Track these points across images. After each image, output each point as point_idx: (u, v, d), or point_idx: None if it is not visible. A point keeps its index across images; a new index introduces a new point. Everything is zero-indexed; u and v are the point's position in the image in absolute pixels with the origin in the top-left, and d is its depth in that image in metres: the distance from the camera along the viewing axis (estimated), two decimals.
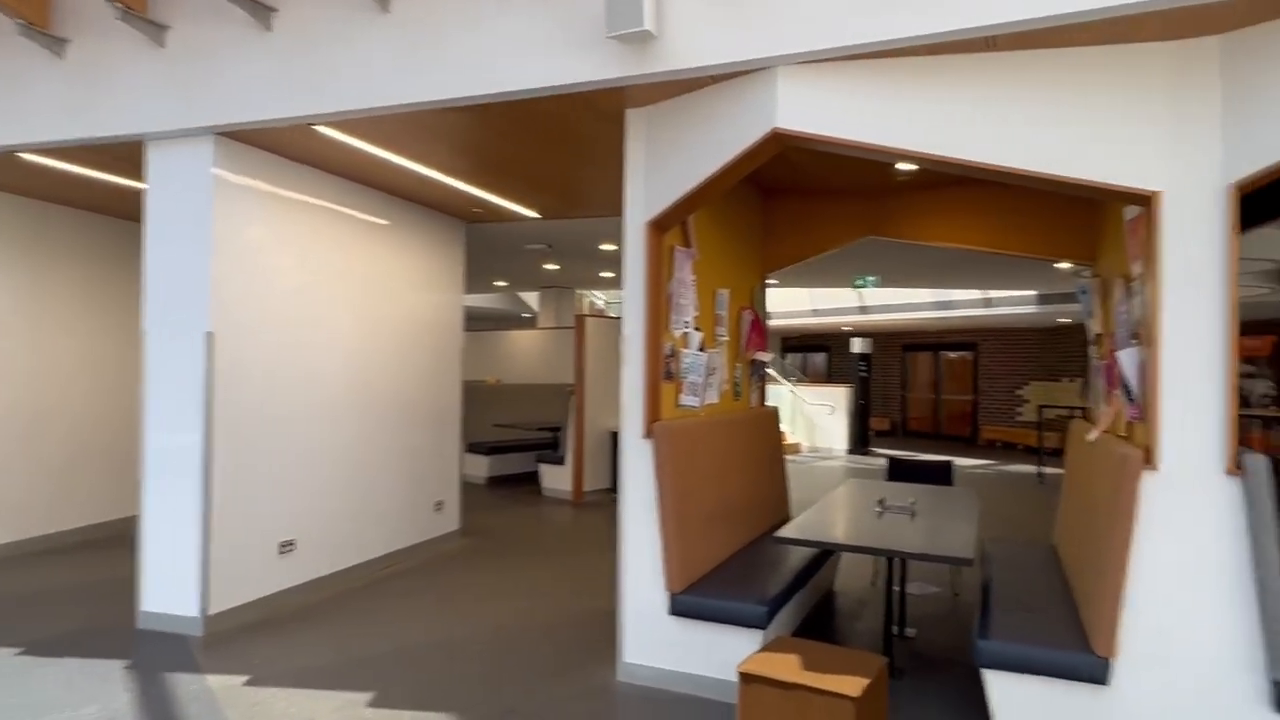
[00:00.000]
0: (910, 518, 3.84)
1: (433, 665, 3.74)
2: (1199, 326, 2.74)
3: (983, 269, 9.49)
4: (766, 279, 5.35)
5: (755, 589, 3.44)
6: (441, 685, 3.51)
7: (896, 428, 18.23)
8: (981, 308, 12.61)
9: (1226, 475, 2.69)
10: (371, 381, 5.32)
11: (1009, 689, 2.91)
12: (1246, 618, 2.65)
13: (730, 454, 4.23)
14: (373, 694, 3.41)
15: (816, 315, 15.49)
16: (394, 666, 3.72)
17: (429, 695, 3.40)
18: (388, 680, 3.56)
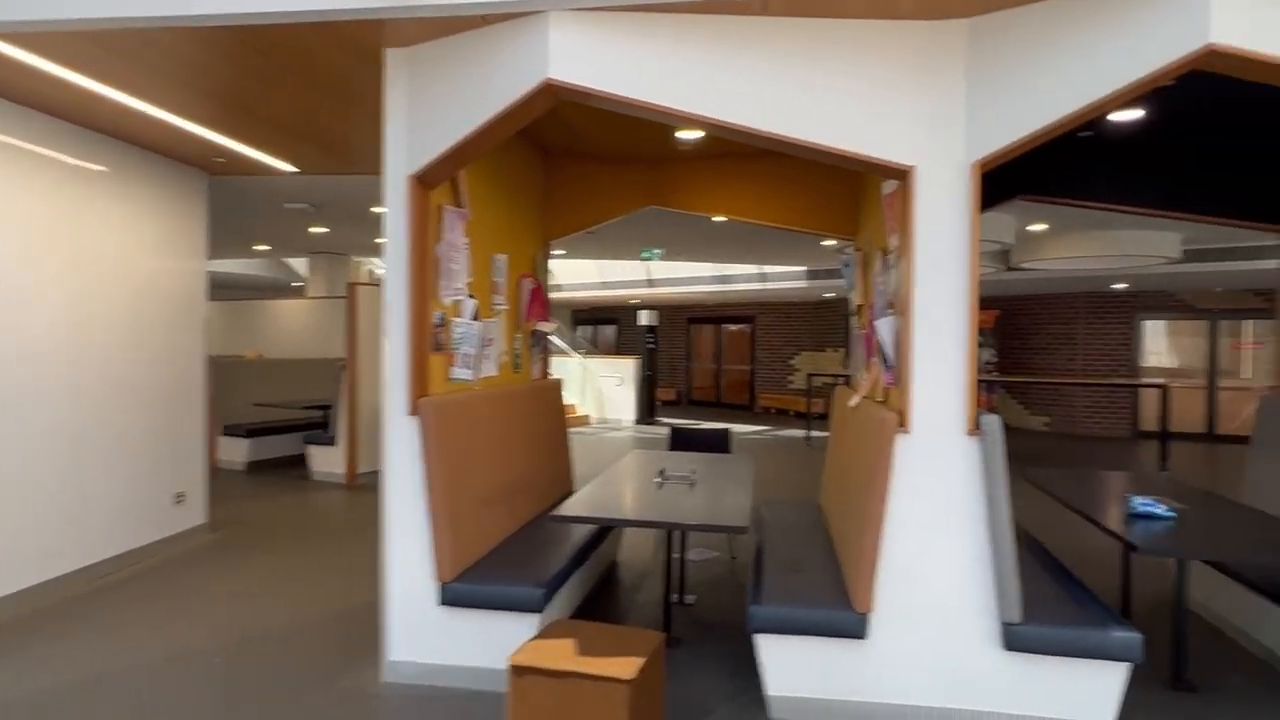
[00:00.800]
0: (690, 487, 3.84)
1: (162, 684, 3.20)
2: (946, 298, 2.90)
3: (759, 245, 9.94)
4: (550, 247, 5.15)
5: (532, 571, 3.27)
6: (169, 708, 3.00)
7: (682, 397, 18.92)
8: (758, 282, 13.29)
9: (967, 436, 2.89)
10: (88, 358, 4.49)
11: (778, 651, 2.97)
12: (982, 567, 2.87)
13: (510, 429, 4.01)
14: None
15: (606, 288, 15.59)
16: (111, 691, 3.14)
17: None
18: (100, 710, 2.99)
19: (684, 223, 8.20)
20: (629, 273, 14.90)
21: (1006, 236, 7.51)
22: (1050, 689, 2.82)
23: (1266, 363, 12.19)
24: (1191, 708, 3.12)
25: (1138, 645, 2.70)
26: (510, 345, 4.36)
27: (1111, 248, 8.02)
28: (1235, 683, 3.32)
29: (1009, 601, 2.80)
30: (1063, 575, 3.31)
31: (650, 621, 3.98)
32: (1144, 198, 4.28)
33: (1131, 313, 12.85)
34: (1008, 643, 2.81)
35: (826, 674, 2.96)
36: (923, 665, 2.91)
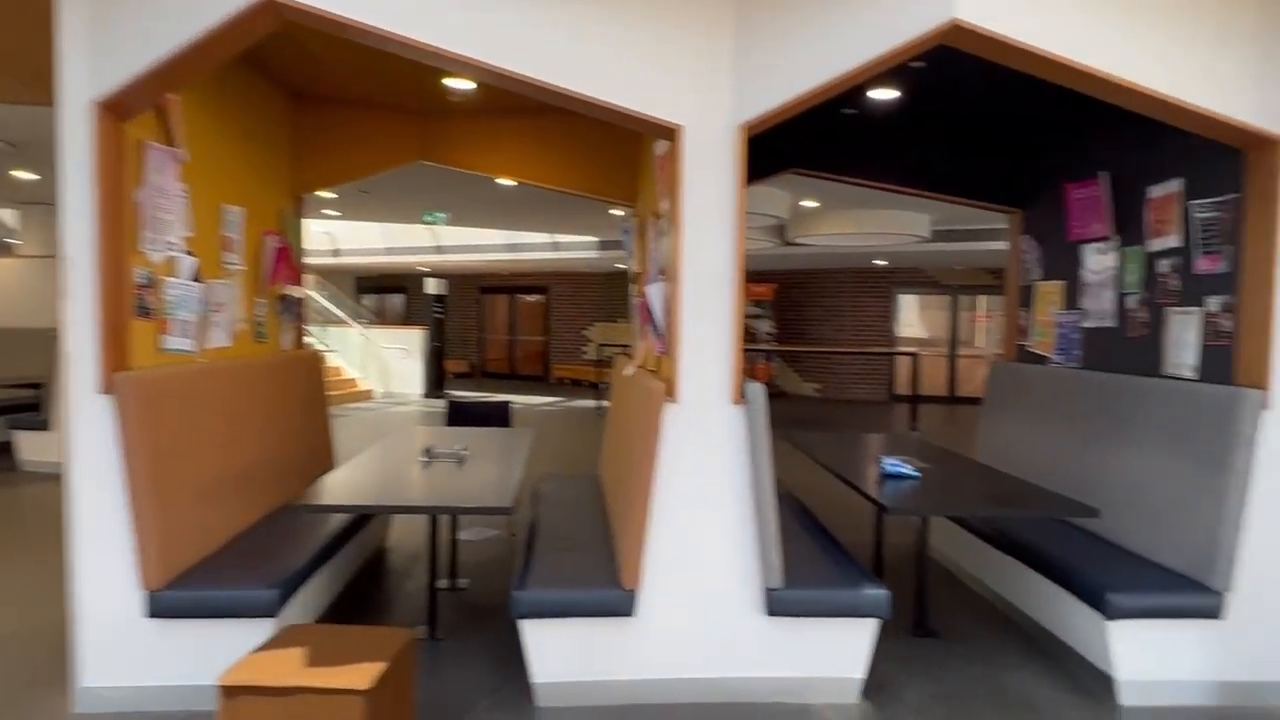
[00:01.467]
0: (458, 465, 3.56)
1: None
2: (713, 263, 2.83)
3: (549, 212, 9.70)
4: (304, 202, 4.58)
5: (266, 570, 2.85)
6: None
7: (475, 369, 18.38)
8: (550, 251, 13.07)
9: (733, 405, 2.85)
10: None
11: (543, 636, 2.80)
12: (747, 535, 2.86)
13: (248, 408, 3.50)
14: None
15: (391, 254, 14.68)
16: None
17: None
18: None
19: (467, 185, 7.77)
20: (416, 238, 14.10)
21: (781, 211, 7.83)
22: (808, 648, 2.87)
23: (996, 333, 13.87)
24: (932, 652, 3.34)
25: (885, 601, 2.81)
26: (250, 312, 3.81)
27: (873, 225, 8.63)
28: (969, 626, 3.62)
29: (771, 568, 2.82)
30: (823, 537, 3.42)
31: (414, 613, 3.68)
32: (900, 176, 4.52)
33: (889, 287, 14.09)
34: (770, 608, 2.82)
35: (594, 655, 2.84)
36: (690, 637, 2.87)
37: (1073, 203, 3.97)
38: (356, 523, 3.71)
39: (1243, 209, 2.95)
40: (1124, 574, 2.97)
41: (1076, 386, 3.83)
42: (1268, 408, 2.82)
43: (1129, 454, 3.33)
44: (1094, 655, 3.01)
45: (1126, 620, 2.85)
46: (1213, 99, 2.74)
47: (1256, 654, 2.90)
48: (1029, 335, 4.46)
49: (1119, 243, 3.70)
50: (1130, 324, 3.60)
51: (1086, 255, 3.92)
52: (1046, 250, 4.31)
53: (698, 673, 2.88)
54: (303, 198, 4.55)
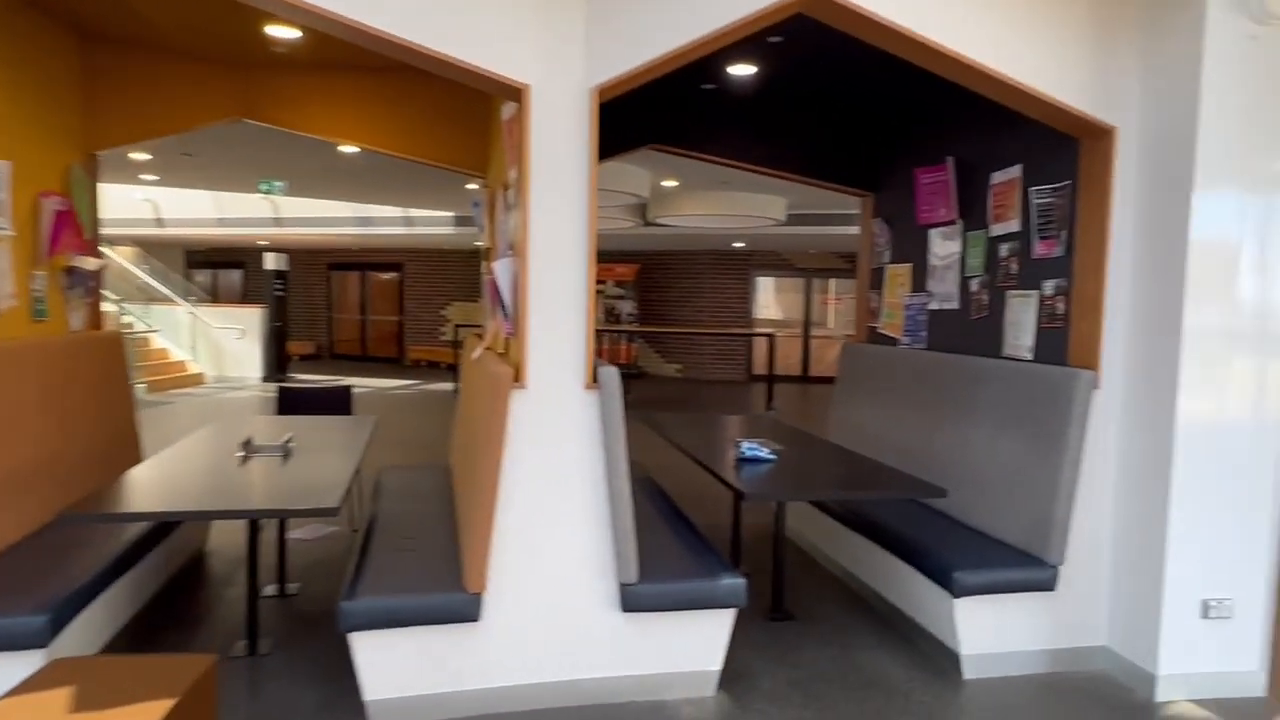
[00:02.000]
0: (283, 460, 3.18)
1: None
2: (563, 237, 2.62)
3: (400, 185, 9.14)
4: (98, 161, 3.96)
5: (35, 591, 2.40)
6: None
7: (323, 351, 17.30)
8: (403, 226, 12.40)
9: (585, 390, 2.66)
10: None
11: (376, 649, 2.52)
12: (602, 528, 2.70)
13: (17, 398, 2.97)
14: None
15: (224, 225, 13.44)
16: None
17: None
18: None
19: (306, 151, 7.14)
20: (253, 209, 12.96)
21: (642, 190, 7.71)
22: (665, 644, 2.75)
23: (846, 315, 14.47)
24: (788, 636, 3.31)
25: (742, 591, 2.73)
26: (23, 286, 3.24)
27: (731, 207, 8.68)
28: (825, 608, 3.63)
29: (626, 562, 2.66)
30: (681, 524, 3.31)
31: (233, 626, 3.28)
32: (758, 156, 4.47)
33: (748, 270, 14.38)
34: (625, 604, 2.67)
35: (435, 667, 2.59)
36: (542, 640, 2.68)
37: (921, 187, 4.04)
38: (163, 527, 3.26)
39: (1076, 195, 3.05)
40: (969, 552, 3.04)
41: (923, 367, 3.92)
42: (1098, 388, 2.94)
43: (973, 433, 3.43)
44: (942, 632, 3.07)
45: (971, 597, 2.91)
46: (1054, 86, 2.80)
47: (1084, 621, 3.05)
48: (879, 317, 4.55)
49: (963, 227, 3.79)
50: (973, 306, 3.70)
51: (933, 239, 4.01)
52: (896, 234, 4.39)
53: (550, 676, 2.69)
54: (97, 156, 3.94)
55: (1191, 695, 2.83)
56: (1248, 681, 2.86)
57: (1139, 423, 2.91)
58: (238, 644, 3.08)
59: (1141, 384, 2.90)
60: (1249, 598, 2.84)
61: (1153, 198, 2.85)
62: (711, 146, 4.42)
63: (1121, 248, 2.94)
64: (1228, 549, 2.81)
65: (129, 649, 3.00)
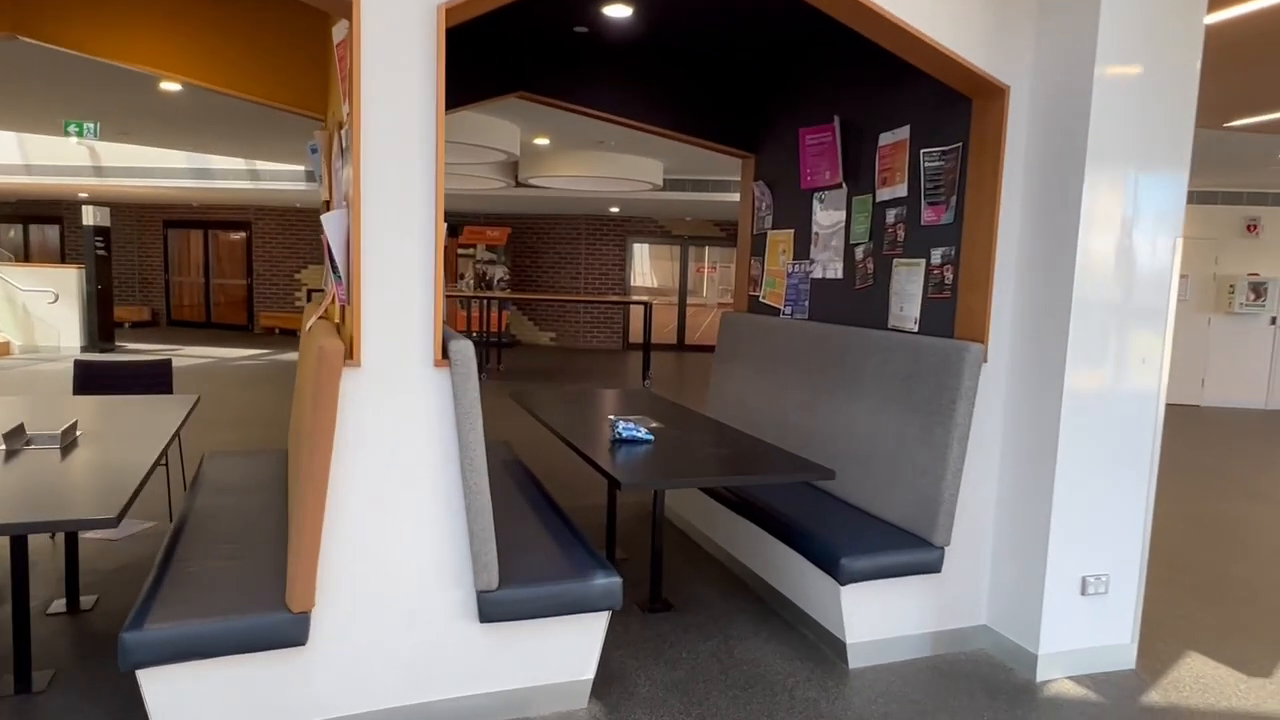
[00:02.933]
0: (62, 453, 2.61)
1: None
2: (405, 184, 2.19)
3: (240, 132, 8.18)
4: None
5: None
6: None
7: (159, 317, 15.70)
8: (248, 180, 11.25)
9: (434, 368, 2.26)
10: None
11: (173, 687, 2.06)
12: (456, 528, 2.32)
13: None
14: None
15: (32, 174, 11.78)
16: None
17: None
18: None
19: (122, 88, 6.19)
20: (69, 157, 11.41)
21: (513, 147, 7.21)
22: (531, 655, 2.43)
23: (719, 284, 14.48)
24: (666, 630, 3.07)
25: (618, 591, 2.43)
26: None
27: (607, 169, 8.31)
28: (706, 595, 3.41)
29: (484, 567, 2.31)
30: (549, 512, 2.98)
31: (3, 656, 2.69)
32: (633, 110, 4.13)
33: (624, 236, 14.08)
34: (484, 614, 2.32)
35: (252, 705, 2.15)
36: (385, 661, 2.29)
37: (806, 148, 3.83)
38: None
39: (966, 159, 2.90)
40: (855, 537, 2.87)
41: (806, 339, 3.74)
42: (987, 361, 2.82)
43: (858, 409, 3.27)
44: (828, 620, 2.90)
45: (857, 584, 2.75)
46: (949, 36, 2.60)
47: (966, 601, 2.96)
48: (760, 286, 4.34)
49: (849, 192, 3.60)
50: (858, 275, 3.53)
51: (817, 204, 3.81)
52: (779, 198, 4.17)
53: (397, 701, 2.31)
54: None
55: (1069, 672, 2.80)
56: (1120, 656, 2.85)
57: (1026, 398, 2.81)
58: (3, 679, 2.51)
59: (1030, 358, 2.79)
60: (1124, 573, 2.82)
61: (1044, 164, 2.73)
62: (584, 97, 4.04)
63: (1011, 215, 2.81)
64: (1107, 525, 2.77)
65: None
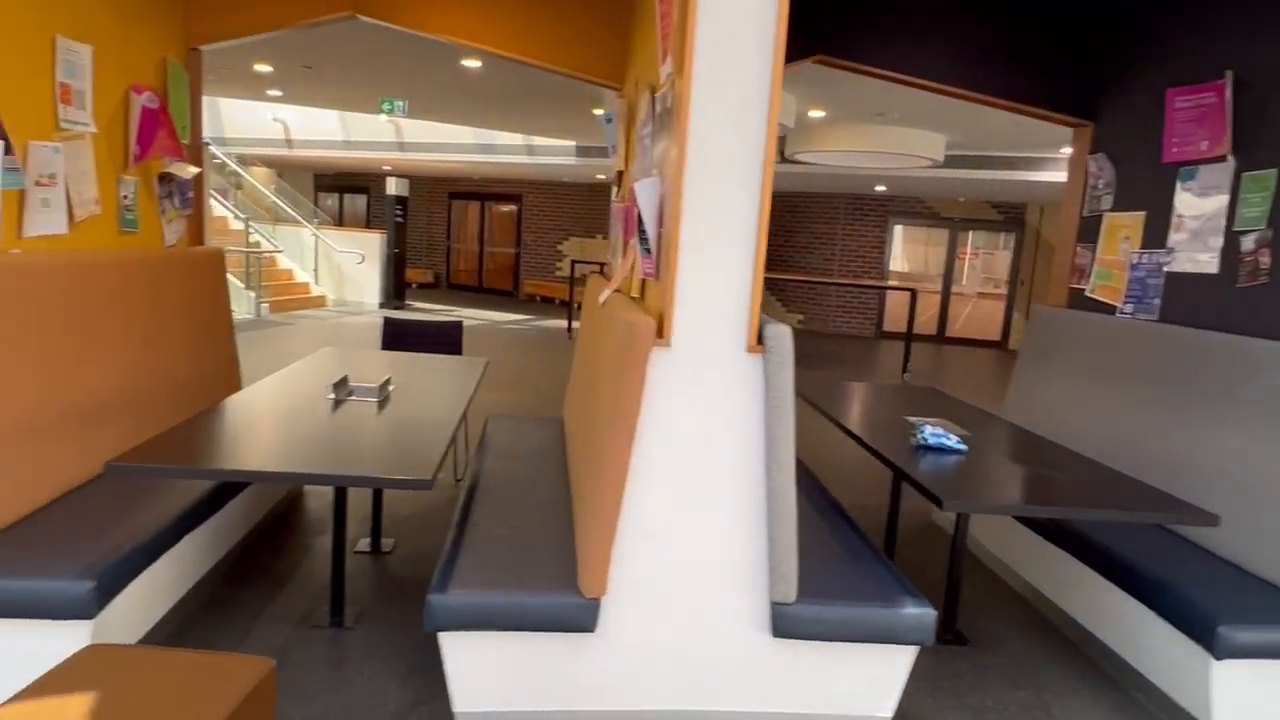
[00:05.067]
0: (379, 407, 2.76)
1: None
2: (733, 152, 1.98)
3: (522, 107, 8.62)
4: (200, 57, 3.58)
5: (86, 549, 2.04)
6: None
7: (440, 280, 17.35)
8: (525, 155, 11.95)
9: (748, 353, 2.05)
10: None
11: (469, 654, 2.06)
12: (753, 529, 2.11)
13: (96, 320, 2.63)
14: None
15: (350, 148, 13.40)
16: None
17: None
18: None
19: (427, 66, 6.70)
20: (378, 133, 12.83)
21: (788, 119, 6.88)
22: (825, 680, 2.17)
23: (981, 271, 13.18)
24: (963, 667, 2.67)
25: (931, 625, 2.10)
26: (110, 192, 2.89)
27: (883, 143, 7.72)
28: (1005, 633, 2.95)
29: (782, 577, 2.08)
30: (843, 524, 2.69)
31: (318, 586, 2.92)
32: (944, 72, 3.64)
33: (885, 217, 13.22)
34: (777, 627, 2.10)
35: (540, 682, 2.11)
36: (670, 660, 2.15)
37: (1174, 113, 3.14)
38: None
39: None
40: (1236, 599, 2.28)
41: (1155, 345, 3.09)
42: None
43: (1234, 437, 2.62)
44: (1186, 697, 2.35)
45: (1239, 661, 2.18)
46: None
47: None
48: (1088, 278, 3.69)
49: (1237, 165, 2.89)
50: (1243, 270, 2.83)
51: (1187, 180, 3.12)
52: (1124, 173, 3.49)
53: (677, 704, 2.17)
54: (200, 52, 3.56)
55: None
56: None
57: None
58: (319, 611, 2.72)
59: None
60: None
61: None
62: (888, 60, 3.63)
63: None
64: None
65: (196, 615, 2.68)
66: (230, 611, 2.69)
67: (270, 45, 6.30)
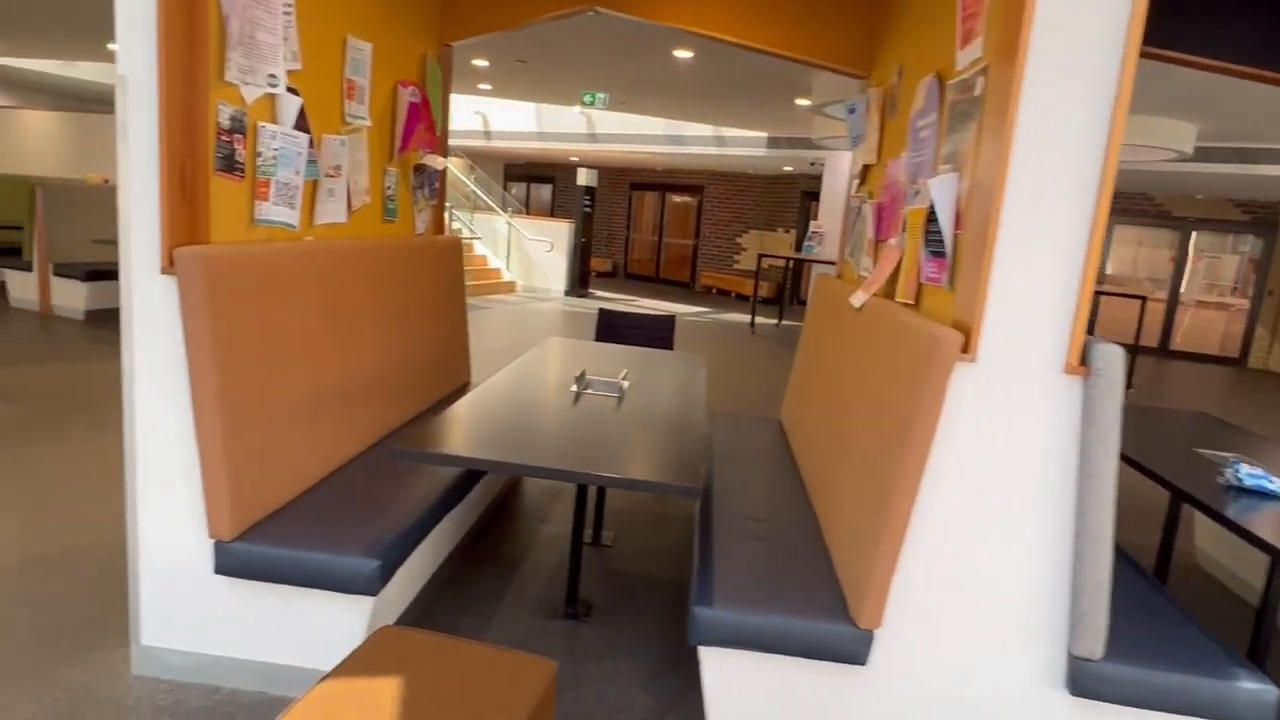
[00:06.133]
0: (618, 402, 2.73)
1: None
2: (1066, 151, 1.74)
3: (720, 98, 8.52)
4: (452, 53, 3.72)
5: (366, 529, 2.13)
6: None
7: (618, 269, 17.68)
8: (714, 146, 11.87)
9: (1065, 374, 1.81)
10: None
11: (730, 671, 1.96)
12: (1056, 572, 1.87)
13: (364, 306, 2.77)
14: None
15: (542, 140, 13.89)
16: None
17: None
18: None
19: (636, 57, 6.73)
20: (570, 124, 13.21)
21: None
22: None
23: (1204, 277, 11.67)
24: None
25: (1272, 707, 1.78)
26: (378, 182, 3.05)
27: (1128, 134, 6.94)
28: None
29: (1088, 626, 1.83)
30: (1126, 567, 2.37)
31: (552, 575, 2.95)
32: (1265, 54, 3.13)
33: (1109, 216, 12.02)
34: (1078, 686, 1.85)
35: (800, 708, 1.98)
36: (947, 706, 1.95)
37: None
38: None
39: None
40: None
41: None
42: None
43: None
44: None
45: None
46: None
47: None
48: None
49: None
50: None
51: None
52: None
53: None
54: (452, 48, 3.70)
55: None
56: None
57: None
58: (552, 600, 2.74)
59: None
60: None
61: None
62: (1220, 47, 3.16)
63: None
64: None
65: (440, 595, 2.77)
66: (470, 595, 2.76)
67: (491, 41, 6.55)
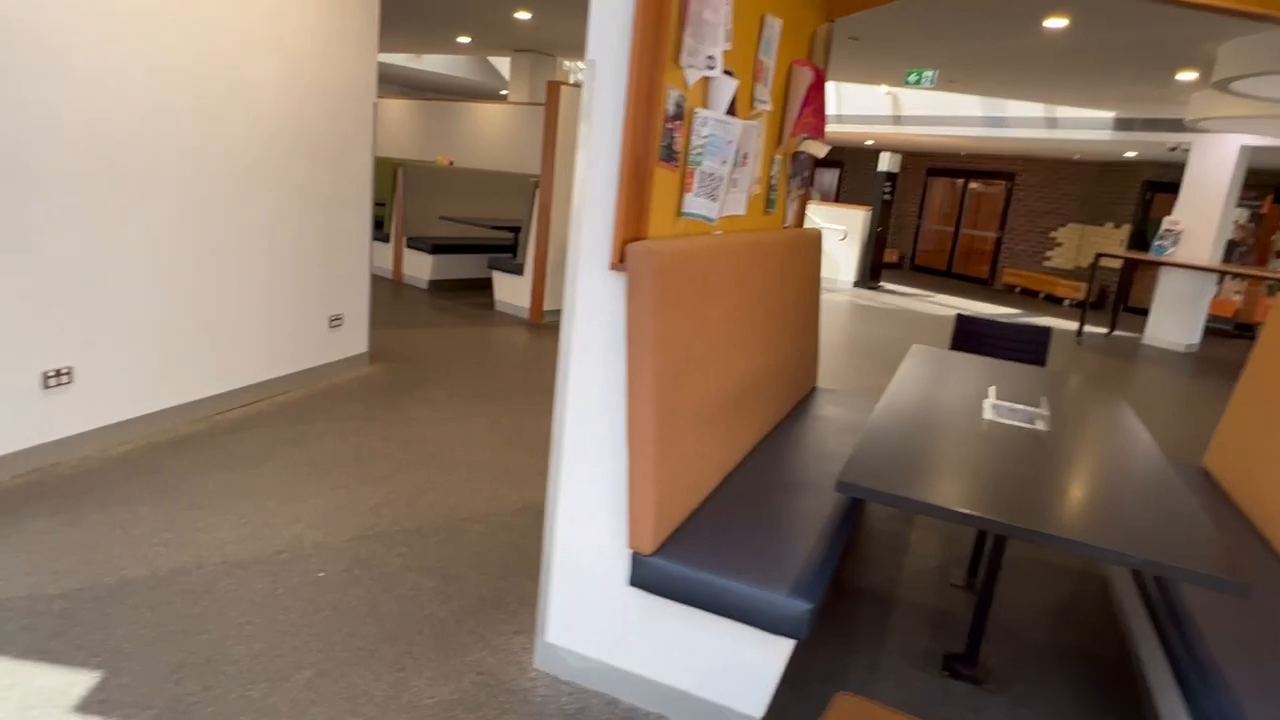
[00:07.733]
0: (1038, 434, 2.30)
1: (213, 606, 2.27)
2: None
3: (1079, 72, 7.43)
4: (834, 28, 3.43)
5: (782, 558, 1.92)
6: (200, 655, 2.05)
7: (905, 261, 16.58)
8: (1042, 128, 10.54)
9: None
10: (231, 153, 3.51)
11: None
12: None
13: (754, 303, 2.58)
14: (80, 672, 1.95)
15: (840, 122, 13.27)
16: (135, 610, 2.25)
17: (160, 681, 1.95)
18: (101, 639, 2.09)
19: (986, 31, 6.01)
20: (872, 106, 12.46)
21: None
22: None
23: None
24: None
25: None
26: (766, 171, 2.84)
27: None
28: None
29: None
30: None
31: (931, 619, 2.60)
32: None
33: None
34: None
35: None
36: None
37: None
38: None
39: None
40: None
41: None
42: None
43: None
44: None
45: None
46: None
47: None
48: None
49: None
50: None
51: None
52: None
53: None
54: (833, 25, 3.40)
55: None
56: None
57: None
58: (940, 654, 2.38)
59: None
60: None
61: None
62: None
63: None
64: None
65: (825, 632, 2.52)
66: (848, 633, 2.49)
67: None
